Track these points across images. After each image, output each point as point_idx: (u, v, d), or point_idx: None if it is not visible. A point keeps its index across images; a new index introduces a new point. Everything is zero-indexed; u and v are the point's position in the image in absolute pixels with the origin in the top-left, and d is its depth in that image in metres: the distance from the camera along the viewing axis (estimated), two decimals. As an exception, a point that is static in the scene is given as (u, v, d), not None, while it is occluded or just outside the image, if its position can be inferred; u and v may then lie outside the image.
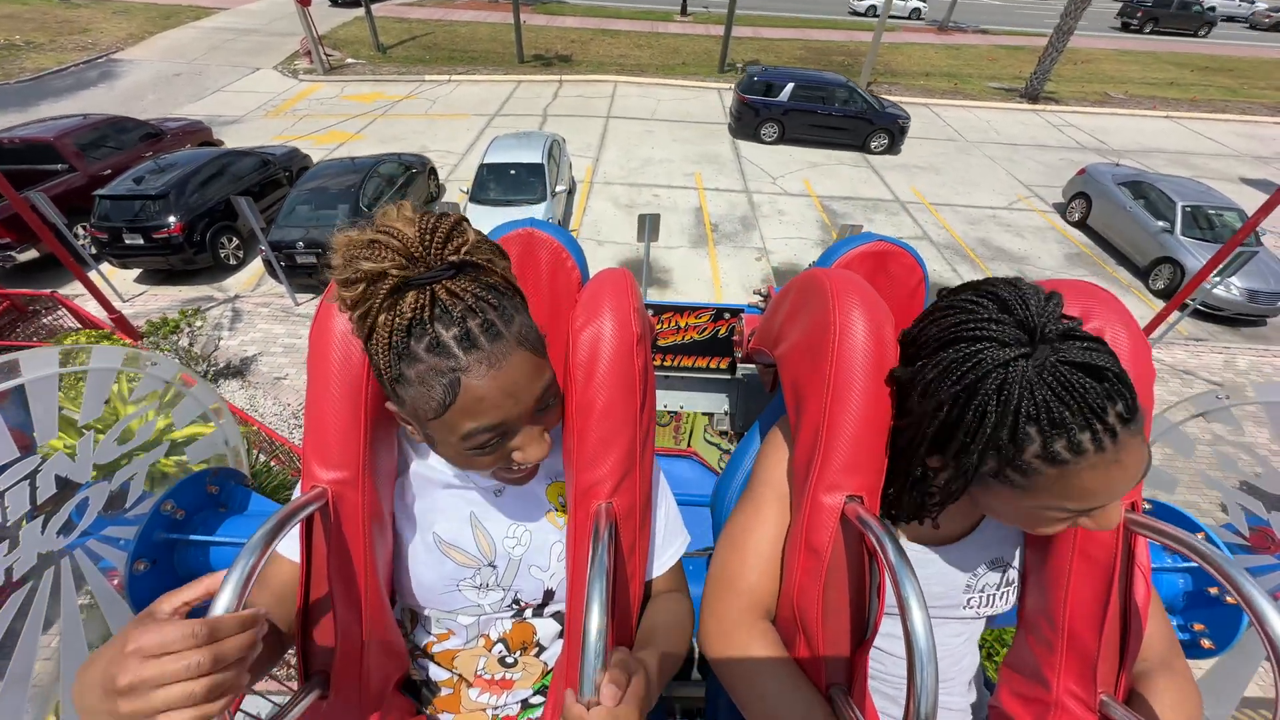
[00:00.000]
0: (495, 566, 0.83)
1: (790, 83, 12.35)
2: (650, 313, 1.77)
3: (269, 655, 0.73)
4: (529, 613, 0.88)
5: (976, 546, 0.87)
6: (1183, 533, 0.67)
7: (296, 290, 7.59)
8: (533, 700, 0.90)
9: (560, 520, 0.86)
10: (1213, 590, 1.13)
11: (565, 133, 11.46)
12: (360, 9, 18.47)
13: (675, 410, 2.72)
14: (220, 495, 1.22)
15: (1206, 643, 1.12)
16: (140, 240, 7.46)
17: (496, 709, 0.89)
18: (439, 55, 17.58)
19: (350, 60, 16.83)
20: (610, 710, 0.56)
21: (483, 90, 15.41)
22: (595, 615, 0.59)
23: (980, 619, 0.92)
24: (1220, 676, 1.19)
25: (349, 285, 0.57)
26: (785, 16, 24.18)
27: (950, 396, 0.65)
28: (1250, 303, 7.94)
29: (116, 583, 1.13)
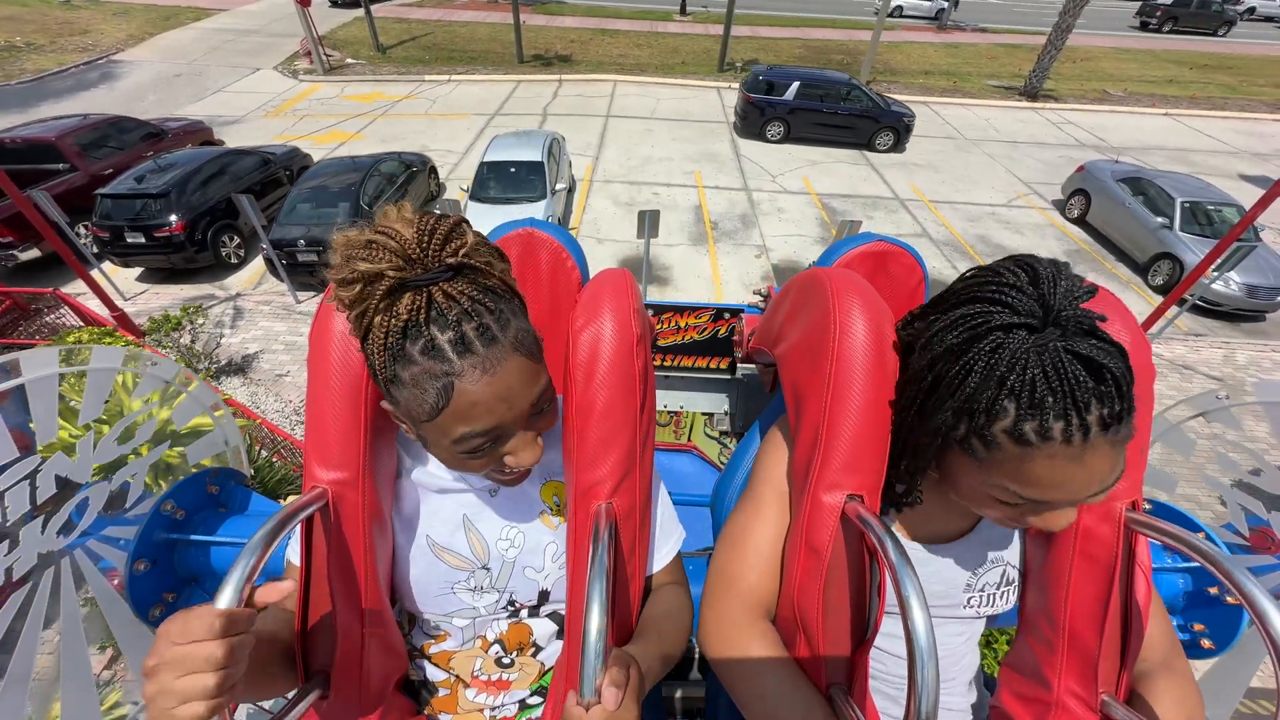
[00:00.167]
0: (489, 569, 0.83)
1: (795, 81, 12.31)
2: (650, 313, 1.77)
3: (284, 665, 0.74)
4: (525, 613, 0.88)
5: (976, 545, 0.87)
6: (1184, 532, 0.67)
7: (297, 288, 7.60)
8: (530, 701, 0.90)
9: (555, 521, 0.86)
10: (1213, 590, 1.13)
11: (565, 132, 11.45)
12: (360, 9, 18.46)
13: (675, 410, 2.72)
14: (220, 495, 1.22)
15: (1207, 643, 1.12)
16: (142, 239, 7.47)
17: (494, 709, 0.89)
18: (439, 55, 17.56)
19: (350, 60, 16.83)
20: (610, 711, 0.56)
21: (482, 90, 15.40)
22: (595, 616, 0.58)
23: (981, 618, 0.92)
24: (1220, 676, 1.18)
25: (346, 285, 0.57)
26: (784, 15, 24.14)
27: (945, 350, 0.64)
28: (1250, 298, 7.93)
29: (116, 583, 1.13)
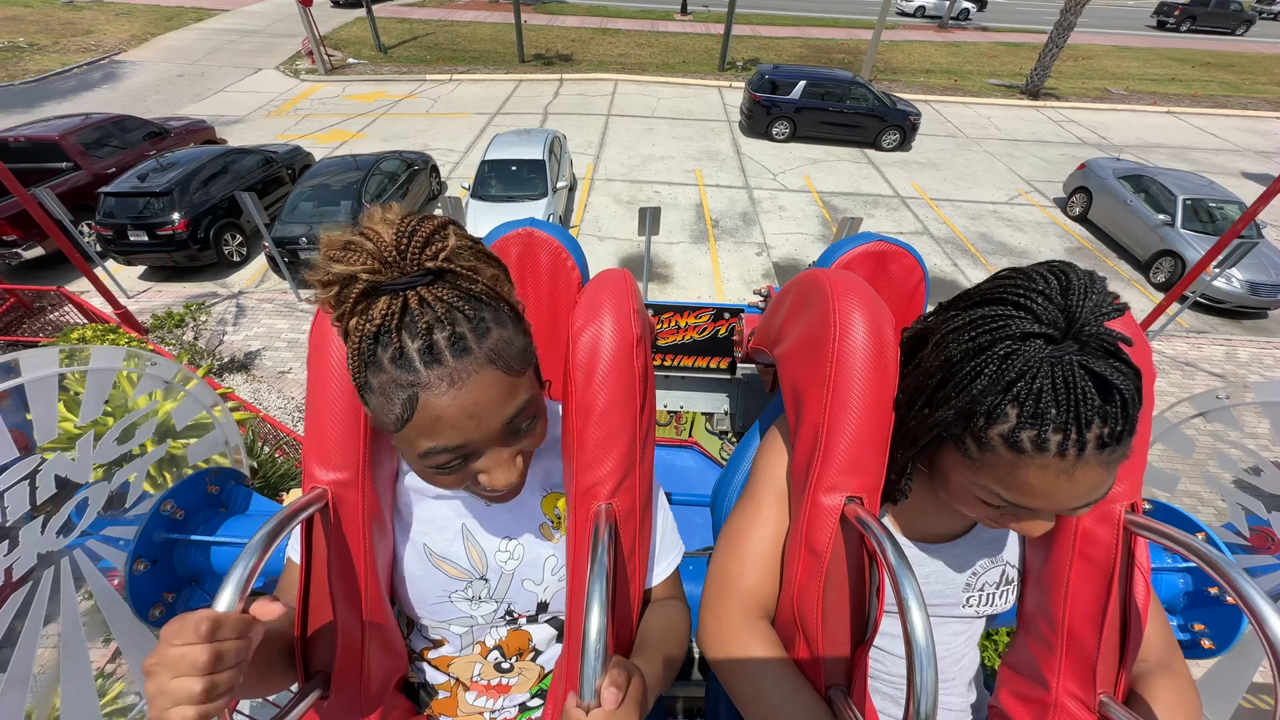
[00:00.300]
0: (487, 580, 0.83)
1: (802, 80, 12.27)
2: (650, 313, 1.77)
3: (287, 662, 0.74)
4: (523, 621, 0.87)
5: (976, 545, 0.87)
6: (1182, 534, 0.66)
7: (299, 285, 7.60)
8: (530, 704, 0.90)
9: (555, 534, 0.86)
10: (1213, 590, 1.13)
11: (566, 131, 11.44)
12: (361, 9, 18.50)
13: (675, 410, 2.71)
14: (220, 495, 1.22)
15: (1207, 643, 1.11)
16: (144, 237, 7.49)
17: (494, 713, 0.88)
18: (440, 55, 17.57)
19: (352, 60, 16.84)
20: (611, 712, 0.56)
21: (484, 89, 15.40)
22: (595, 616, 0.58)
23: (980, 618, 0.92)
24: (1220, 676, 1.18)
25: (326, 287, 0.55)
26: (785, 15, 24.14)
27: (961, 350, 0.64)
28: (1252, 295, 7.90)
29: (117, 583, 1.13)
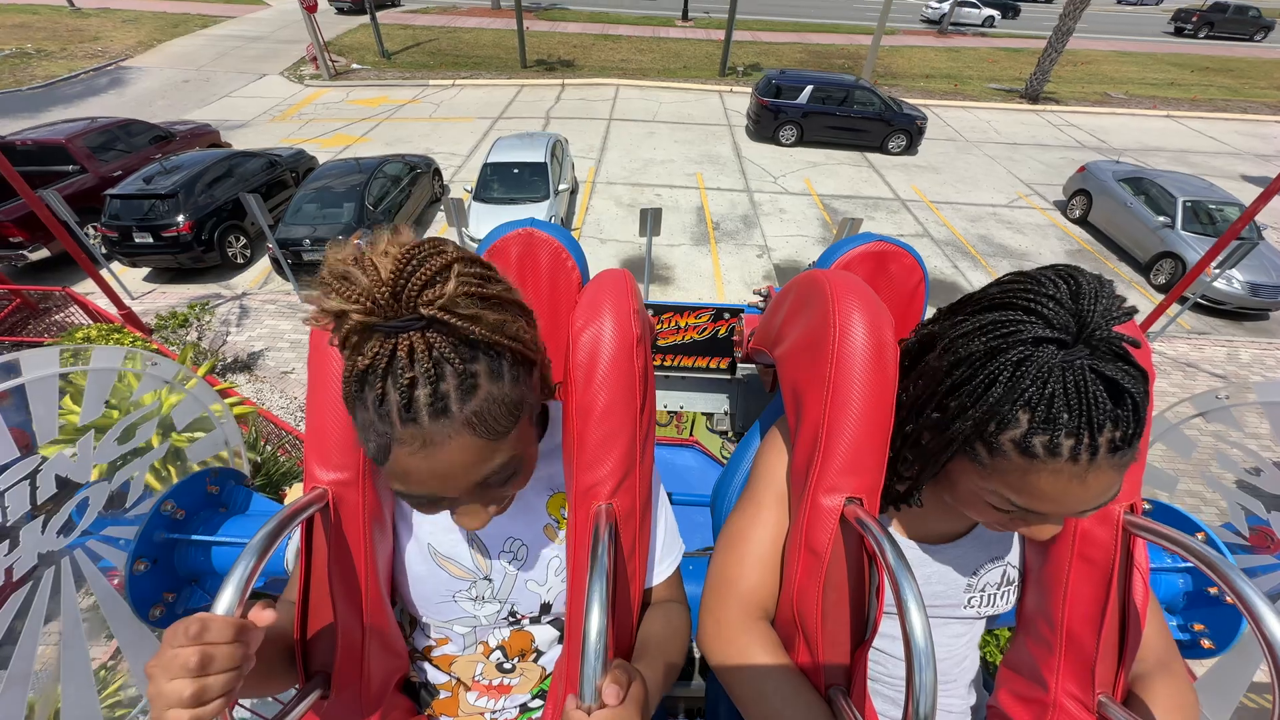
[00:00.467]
0: (491, 580, 0.83)
1: (808, 85, 12.32)
2: (650, 313, 1.77)
3: (288, 662, 0.74)
4: (526, 622, 0.87)
5: (977, 546, 0.87)
6: (1181, 535, 0.66)
7: (303, 287, 7.65)
8: (531, 704, 0.90)
9: (560, 535, 0.86)
10: (1212, 590, 1.12)
11: (568, 135, 11.51)
12: (365, 16, 18.59)
13: (675, 410, 2.71)
14: (220, 495, 1.22)
15: (1206, 643, 1.11)
16: (149, 239, 7.54)
17: (495, 713, 0.88)
18: (443, 60, 17.67)
19: (355, 66, 16.95)
20: (611, 711, 0.55)
21: (486, 94, 15.48)
22: (595, 616, 0.58)
23: (981, 619, 0.91)
24: (1220, 676, 1.17)
25: (322, 314, 0.55)
26: (785, 21, 24.26)
27: (969, 355, 0.63)
28: (1253, 296, 7.90)
29: (117, 583, 1.13)
